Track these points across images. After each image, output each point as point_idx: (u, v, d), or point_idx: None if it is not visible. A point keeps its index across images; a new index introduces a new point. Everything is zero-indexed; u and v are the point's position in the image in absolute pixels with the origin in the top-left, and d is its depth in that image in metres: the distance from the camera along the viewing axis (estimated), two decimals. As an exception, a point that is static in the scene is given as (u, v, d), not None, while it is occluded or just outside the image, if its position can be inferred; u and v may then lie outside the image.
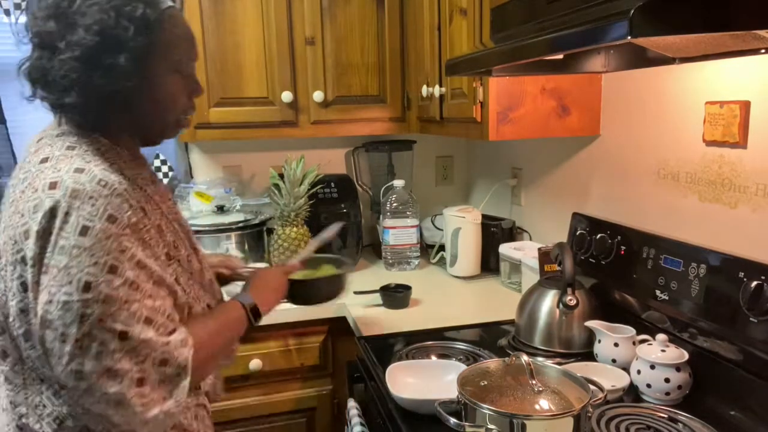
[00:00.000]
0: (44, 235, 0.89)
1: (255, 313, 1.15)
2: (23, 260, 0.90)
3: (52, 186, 0.90)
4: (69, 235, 0.87)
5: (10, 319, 0.93)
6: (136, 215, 0.93)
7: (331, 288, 1.43)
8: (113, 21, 0.93)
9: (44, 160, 0.94)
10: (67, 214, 0.88)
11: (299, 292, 1.38)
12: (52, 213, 0.88)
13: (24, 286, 0.90)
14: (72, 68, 0.93)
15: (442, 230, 2.21)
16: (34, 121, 1.03)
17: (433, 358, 1.42)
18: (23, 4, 1.90)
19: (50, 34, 0.94)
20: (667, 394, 1.19)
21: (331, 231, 1.53)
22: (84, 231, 0.87)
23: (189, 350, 0.95)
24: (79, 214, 0.88)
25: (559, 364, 1.17)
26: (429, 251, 2.31)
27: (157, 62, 1.00)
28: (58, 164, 0.93)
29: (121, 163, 1.00)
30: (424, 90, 1.96)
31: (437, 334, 1.58)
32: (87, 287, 0.86)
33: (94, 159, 0.95)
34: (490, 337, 1.57)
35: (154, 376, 0.90)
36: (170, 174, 2.31)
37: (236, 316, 1.13)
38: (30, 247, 0.89)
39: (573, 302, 1.37)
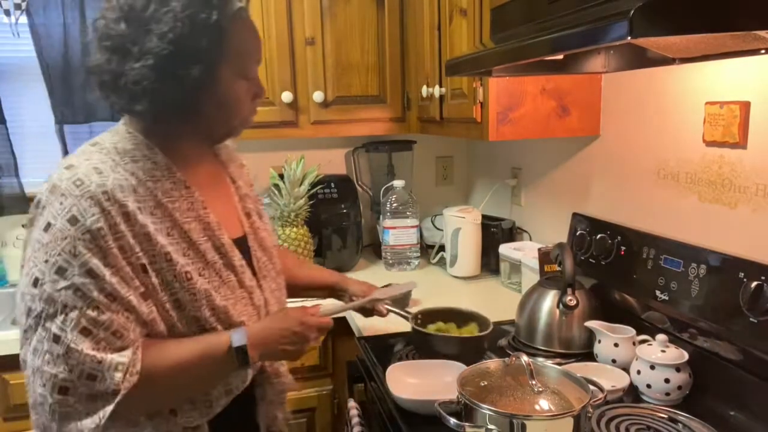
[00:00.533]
0: (30, 223, 0.94)
1: (242, 354, 0.98)
2: None
3: (48, 179, 0.93)
4: (37, 229, 0.90)
5: None
6: (105, 221, 0.89)
7: (467, 351, 1.30)
8: (188, 30, 0.90)
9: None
10: (43, 207, 0.91)
11: (429, 345, 1.30)
12: (37, 204, 0.92)
13: None
14: (144, 76, 0.90)
15: (442, 230, 2.21)
16: (34, 121, 1.03)
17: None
18: (23, 5, 1.90)
19: (122, 37, 0.90)
20: (667, 394, 1.18)
21: (401, 289, 1.41)
22: (46, 227, 0.89)
23: (127, 377, 0.88)
24: (49, 210, 0.89)
25: (559, 364, 1.17)
26: (429, 251, 2.31)
27: (226, 69, 0.97)
28: (66, 159, 0.96)
29: (147, 164, 0.97)
30: (424, 90, 1.96)
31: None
32: (35, 283, 0.88)
33: (102, 157, 0.94)
34: (490, 337, 1.57)
35: (82, 388, 0.87)
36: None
37: (218, 352, 0.97)
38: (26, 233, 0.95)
39: (573, 302, 1.37)
